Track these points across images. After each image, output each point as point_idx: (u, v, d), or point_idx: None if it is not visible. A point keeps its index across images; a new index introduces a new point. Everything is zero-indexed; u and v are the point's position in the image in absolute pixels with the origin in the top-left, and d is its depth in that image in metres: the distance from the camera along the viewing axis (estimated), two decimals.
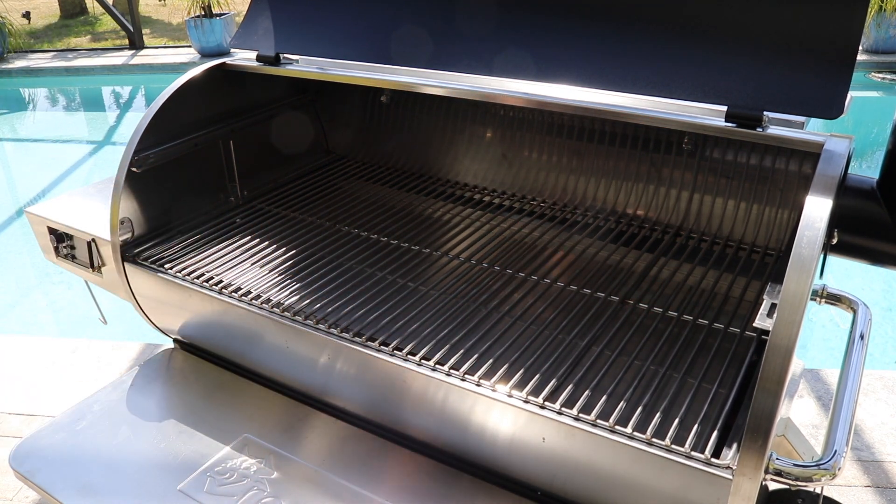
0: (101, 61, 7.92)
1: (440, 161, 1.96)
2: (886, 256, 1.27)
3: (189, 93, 1.67)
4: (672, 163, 1.63)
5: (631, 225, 1.64)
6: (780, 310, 0.89)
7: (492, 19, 1.47)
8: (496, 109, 1.86)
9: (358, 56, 1.59)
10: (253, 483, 1.24)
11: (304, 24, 1.70)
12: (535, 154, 1.82)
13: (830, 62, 1.13)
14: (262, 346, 1.39)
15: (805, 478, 0.92)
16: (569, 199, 1.76)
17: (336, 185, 1.92)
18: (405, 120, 2.02)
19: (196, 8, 7.69)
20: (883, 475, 1.82)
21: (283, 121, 1.98)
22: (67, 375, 2.34)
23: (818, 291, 1.31)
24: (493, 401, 1.10)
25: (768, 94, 1.16)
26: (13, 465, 1.37)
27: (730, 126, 1.17)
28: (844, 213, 1.26)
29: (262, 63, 1.70)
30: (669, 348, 1.24)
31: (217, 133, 1.77)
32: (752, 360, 1.20)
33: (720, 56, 1.22)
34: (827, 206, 0.96)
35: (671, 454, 0.97)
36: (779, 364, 0.87)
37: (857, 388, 1.11)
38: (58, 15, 11.82)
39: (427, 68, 1.50)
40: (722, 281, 1.42)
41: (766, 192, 1.53)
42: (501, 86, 1.42)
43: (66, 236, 1.68)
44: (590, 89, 1.31)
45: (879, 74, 6.15)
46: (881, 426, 1.98)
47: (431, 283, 1.48)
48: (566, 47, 1.36)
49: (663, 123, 1.23)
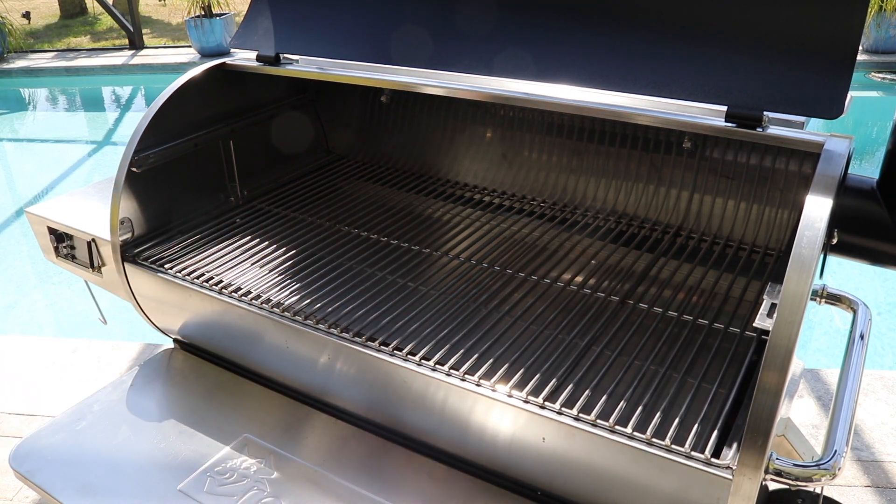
0: (101, 61, 7.92)
1: (440, 161, 1.96)
2: (886, 256, 1.27)
3: (189, 93, 1.67)
4: (672, 163, 1.63)
5: (631, 225, 1.64)
6: (780, 310, 0.89)
7: (492, 19, 1.47)
8: (496, 109, 1.86)
9: (358, 56, 1.59)
10: (253, 483, 1.24)
11: (304, 24, 1.70)
12: (535, 154, 1.82)
13: (830, 62, 1.13)
14: (262, 346, 1.39)
15: (805, 478, 0.92)
16: (569, 199, 1.76)
17: (336, 185, 1.92)
18: (405, 120, 2.02)
19: (196, 8, 7.69)
20: (883, 475, 1.82)
21: (283, 121, 1.98)
22: (67, 375, 2.34)
23: (818, 291, 1.31)
24: (493, 401, 1.10)
25: (768, 94, 1.16)
26: (13, 465, 1.37)
27: (730, 126, 1.17)
28: (844, 213, 1.26)
29: (262, 63, 1.70)
30: (669, 348, 1.24)
31: (217, 133, 1.77)
32: (752, 360, 1.20)
33: (720, 56, 1.22)
34: (827, 206, 0.96)
35: (671, 454, 0.97)
36: (779, 364, 0.87)
37: (857, 388, 1.11)
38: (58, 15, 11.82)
39: (427, 68, 1.50)
40: (722, 281, 1.42)
41: (766, 192, 1.53)
42: (501, 86, 1.42)
43: (66, 236, 1.68)
44: (590, 89, 1.31)
45: (879, 74, 6.15)
46: (881, 426, 1.98)
47: (431, 283, 1.48)
48: (566, 47, 1.36)
49: (663, 123, 1.23)
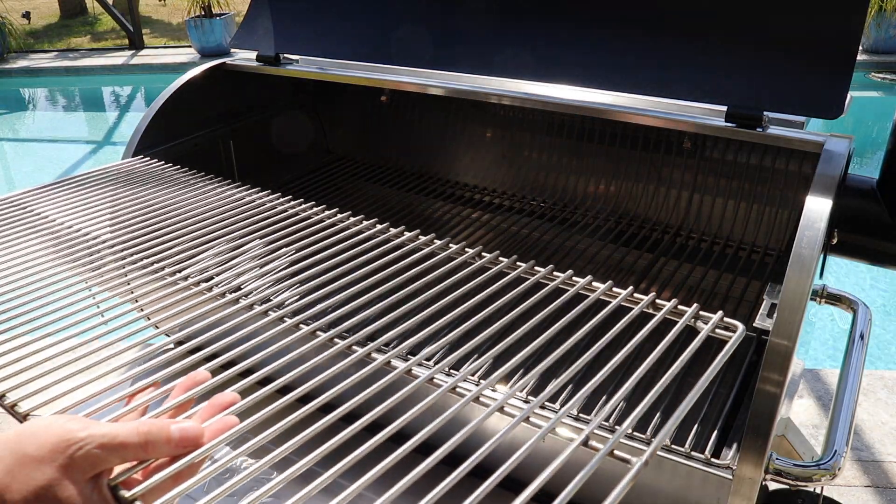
0: (101, 61, 7.92)
1: (440, 161, 1.96)
2: (886, 256, 1.26)
3: (189, 93, 1.67)
4: (672, 163, 1.63)
5: (631, 225, 1.64)
6: (780, 310, 0.89)
7: (492, 19, 1.46)
8: (496, 109, 1.86)
9: (358, 56, 1.59)
10: (253, 483, 1.24)
11: (304, 24, 1.70)
12: (535, 154, 1.82)
13: (830, 62, 1.13)
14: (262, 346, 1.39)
15: (805, 478, 0.92)
16: (569, 199, 1.76)
17: (336, 185, 1.92)
18: (405, 120, 2.02)
19: (196, 8, 7.69)
20: (883, 475, 1.82)
21: (283, 121, 1.98)
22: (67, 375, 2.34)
23: (818, 291, 1.31)
24: (493, 400, 1.10)
25: (768, 94, 1.16)
26: None
27: (729, 126, 1.17)
28: (844, 213, 1.26)
29: (262, 63, 1.70)
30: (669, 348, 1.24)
31: (217, 133, 1.77)
32: (752, 360, 1.20)
33: (720, 56, 1.22)
34: (827, 205, 0.96)
35: (671, 454, 0.97)
36: (779, 364, 0.87)
37: (857, 388, 1.11)
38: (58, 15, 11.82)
39: (427, 68, 1.50)
40: (722, 281, 1.42)
41: (766, 192, 1.53)
42: (501, 86, 1.42)
43: None
44: (590, 89, 1.31)
45: (879, 74, 6.14)
46: (881, 426, 1.98)
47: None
48: (566, 47, 1.36)
49: (663, 123, 1.23)
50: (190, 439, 0.60)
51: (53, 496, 0.51)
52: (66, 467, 0.52)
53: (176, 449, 0.58)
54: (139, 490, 0.55)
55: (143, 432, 0.56)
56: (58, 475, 0.51)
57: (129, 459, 0.56)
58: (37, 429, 0.54)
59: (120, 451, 0.55)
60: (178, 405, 0.68)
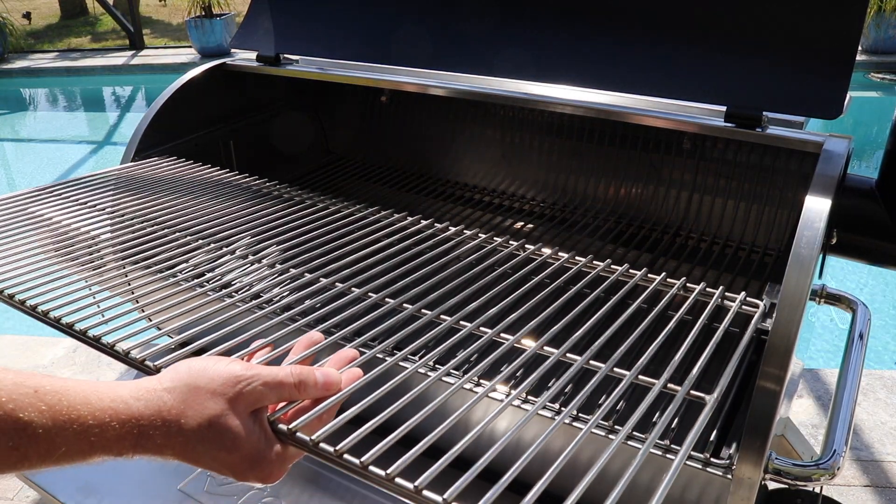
0: (101, 62, 7.93)
1: (440, 161, 1.96)
2: (886, 256, 1.27)
3: (189, 93, 1.67)
4: (672, 163, 1.63)
5: (631, 225, 1.64)
6: (780, 310, 0.89)
7: (492, 19, 1.47)
8: (496, 109, 1.86)
9: (358, 56, 1.59)
10: None
11: (304, 25, 1.70)
12: (535, 154, 1.82)
13: (830, 62, 1.13)
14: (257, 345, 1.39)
15: (804, 477, 0.92)
16: (569, 199, 1.76)
17: (336, 185, 1.92)
18: (405, 120, 2.02)
19: (196, 8, 7.69)
20: (882, 475, 1.82)
21: (283, 121, 1.98)
22: (67, 375, 2.34)
23: (818, 291, 1.31)
24: (493, 401, 1.10)
25: (767, 94, 1.16)
26: None
27: (729, 126, 1.17)
28: (844, 213, 1.26)
29: (262, 63, 1.71)
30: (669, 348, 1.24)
31: (217, 133, 1.77)
32: (751, 360, 1.20)
33: (719, 56, 1.22)
34: (826, 205, 0.96)
35: (670, 453, 0.97)
36: (778, 364, 0.87)
37: (857, 387, 1.11)
38: (58, 15, 11.83)
39: (427, 68, 1.50)
40: (721, 281, 1.42)
41: (766, 192, 1.53)
42: (501, 86, 1.42)
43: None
44: (590, 89, 1.31)
45: (879, 74, 6.14)
46: (881, 426, 1.99)
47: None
48: (566, 47, 1.36)
49: (663, 123, 1.23)
50: (332, 384, 0.67)
51: (223, 425, 0.57)
52: (234, 400, 0.58)
53: (321, 391, 0.66)
54: (299, 423, 0.62)
55: (297, 373, 0.63)
56: (227, 407, 0.58)
57: (284, 398, 0.63)
58: (206, 365, 0.60)
59: (278, 390, 0.62)
60: (299, 361, 0.74)
